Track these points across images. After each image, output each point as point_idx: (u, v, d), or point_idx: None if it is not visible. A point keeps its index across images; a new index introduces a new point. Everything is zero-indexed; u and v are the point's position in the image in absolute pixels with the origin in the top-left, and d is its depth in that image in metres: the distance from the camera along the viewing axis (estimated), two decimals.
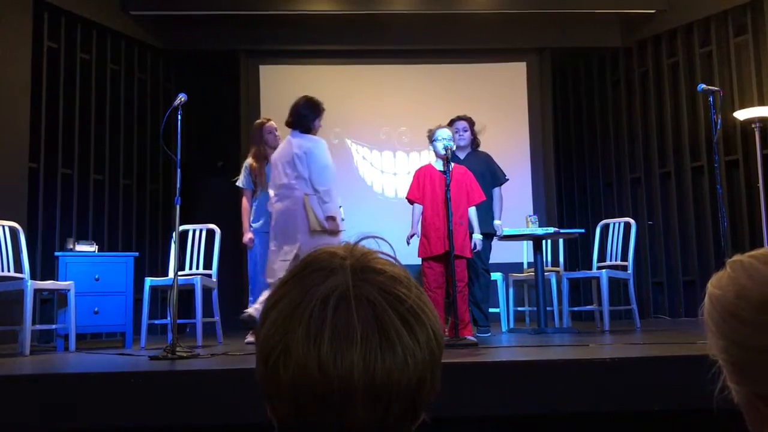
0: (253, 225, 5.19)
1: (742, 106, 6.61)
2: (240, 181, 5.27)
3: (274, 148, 5.20)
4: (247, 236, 5.16)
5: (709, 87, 4.46)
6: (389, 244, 0.78)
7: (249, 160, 5.26)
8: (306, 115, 4.77)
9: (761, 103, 6.56)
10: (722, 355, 0.78)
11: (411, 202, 4.85)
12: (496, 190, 5.34)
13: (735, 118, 6.59)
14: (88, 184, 6.69)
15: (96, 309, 5.01)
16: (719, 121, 4.31)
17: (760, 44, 6.74)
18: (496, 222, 5.26)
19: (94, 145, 6.77)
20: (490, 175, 5.35)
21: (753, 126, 6.40)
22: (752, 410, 0.76)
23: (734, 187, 6.88)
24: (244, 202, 5.25)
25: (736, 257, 0.81)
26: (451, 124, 5.38)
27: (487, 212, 5.18)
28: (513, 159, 7.56)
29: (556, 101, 8.36)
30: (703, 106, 7.06)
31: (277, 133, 5.25)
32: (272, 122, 5.33)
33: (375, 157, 7.63)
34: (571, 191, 8.49)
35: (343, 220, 4.77)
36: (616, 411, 2.79)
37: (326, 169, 4.62)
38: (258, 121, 5.45)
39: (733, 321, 0.76)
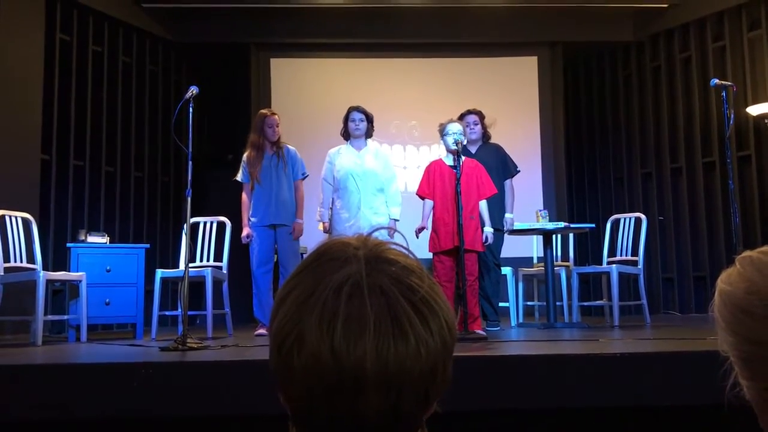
0: (252, 219, 5.15)
1: (755, 102, 6.57)
2: (238, 176, 5.26)
3: (272, 143, 5.20)
4: (245, 231, 5.14)
5: (722, 82, 4.44)
6: (402, 236, 0.79)
7: (246, 151, 5.26)
8: None
9: None
10: (733, 352, 0.78)
11: (422, 197, 4.86)
12: (507, 182, 5.34)
13: (748, 114, 6.54)
14: (100, 176, 6.73)
15: (107, 300, 5.04)
16: (732, 116, 4.28)
17: None
18: (508, 215, 5.25)
19: (105, 137, 6.80)
20: (502, 167, 5.35)
21: (766, 121, 6.35)
22: (765, 406, 0.76)
23: (746, 183, 6.84)
24: (244, 196, 5.22)
25: (746, 253, 0.81)
26: (461, 118, 5.37)
27: (498, 206, 5.18)
28: (524, 153, 7.54)
29: (568, 95, 8.33)
30: (715, 101, 7.01)
31: (277, 128, 5.19)
32: (276, 116, 5.27)
33: (385, 151, 7.63)
34: (581, 186, 8.46)
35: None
36: (625, 406, 2.79)
37: None
38: (263, 110, 5.41)
39: (743, 317, 0.76)
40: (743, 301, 0.77)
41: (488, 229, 4.92)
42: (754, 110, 6.41)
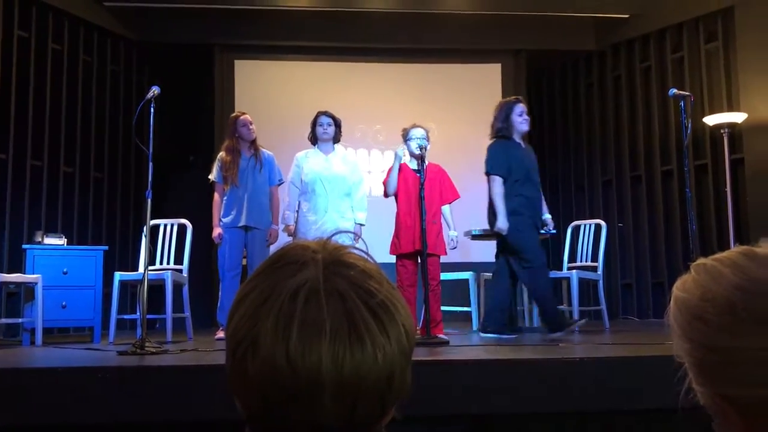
0: (223, 220, 5.10)
1: (712, 112, 6.72)
2: (212, 175, 5.23)
3: (249, 142, 5.17)
4: (216, 231, 5.09)
5: (680, 92, 4.52)
6: (363, 240, 0.79)
7: (221, 153, 5.22)
8: None
9: (730, 109, 6.67)
10: (688, 358, 0.79)
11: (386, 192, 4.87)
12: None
13: (705, 124, 6.69)
14: (58, 177, 6.59)
15: (64, 303, 4.94)
16: (689, 125, 4.37)
17: (730, 51, 6.85)
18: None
19: (64, 137, 6.67)
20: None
21: (722, 132, 6.50)
22: (718, 411, 0.78)
23: (703, 191, 6.99)
24: (216, 196, 5.19)
25: (700, 260, 0.82)
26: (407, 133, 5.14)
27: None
28: None
29: (531, 103, 8.39)
30: (674, 110, 7.16)
31: (251, 127, 5.17)
32: (247, 115, 5.25)
33: (354, 156, 7.63)
34: (543, 192, 8.52)
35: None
36: (584, 410, 2.82)
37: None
38: (233, 114, 5.40)
39: (697, 323, 0.77)
40: (697, 307, 0.78)
41: (453, 233, 4.96)
42: (711, 120, 6.55)
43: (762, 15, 6.53)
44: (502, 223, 4.74)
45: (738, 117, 6.45)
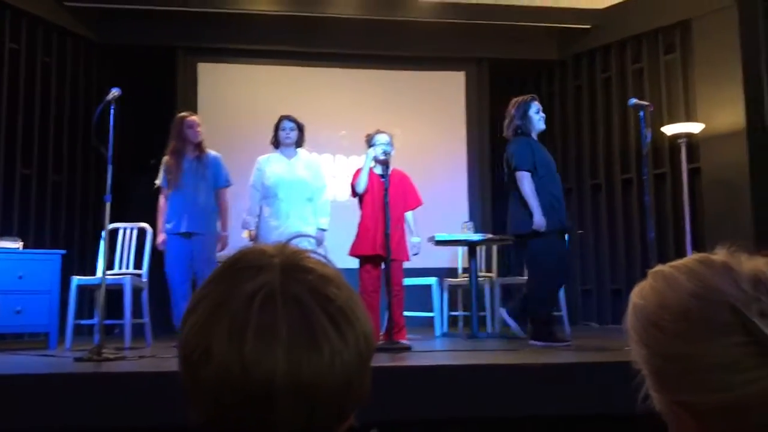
0: (167, 225, 4.96)
1: (671, 122, 6.85)
2: (158, 180, 5.08)
3: (195, 144, 5.01)
4: (160, 238, 4.96)
5: (640, 102, 4.59)
6: (325, 246, 0.78)
7: (165, 157, 5.06)
8: None
9: (688, 119, 6.81)
10: (644, 364, 0.80)
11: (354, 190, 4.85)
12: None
13: (663, 133, 6.82)
14: (15, 179, 6.45)
15: (18, 308, 4.82)
16: (648, 135, 4.44)
17: (688, 62, 7.00)
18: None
19: (21, 139, 6.53)
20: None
21: (680, 141, 6.62)
22: (674, 417, 0.78)
23: (661, 200, 7.12)
24: (161, 200, 5.03)
25: (658, 268, 0.82)
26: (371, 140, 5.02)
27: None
28: (450, 166, 7.69)
29: (494, 111, 8.47)
30: (633, 120, 7.28)
31: (198, 129, 5.00)
32: (195, 116, 5.08)
33: (318, 160, 7.59)
34: (505, 199, 8.59)
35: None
36: (544, 415, 2.85)
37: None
38: (179, 114, 5.19)
39: (654, 331, 0.78)
40: (654, 315, 0.78)
41: (416, 239, 4.98)
42: (669, 130, 6.67)
43: (718, 28, 6.68)
44: (540, 220, 4.57)
45: (695, 127, 6.59)
